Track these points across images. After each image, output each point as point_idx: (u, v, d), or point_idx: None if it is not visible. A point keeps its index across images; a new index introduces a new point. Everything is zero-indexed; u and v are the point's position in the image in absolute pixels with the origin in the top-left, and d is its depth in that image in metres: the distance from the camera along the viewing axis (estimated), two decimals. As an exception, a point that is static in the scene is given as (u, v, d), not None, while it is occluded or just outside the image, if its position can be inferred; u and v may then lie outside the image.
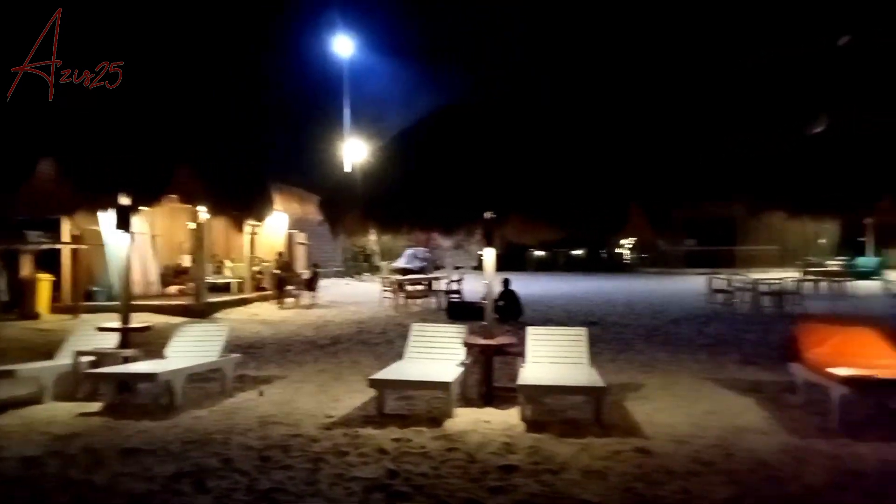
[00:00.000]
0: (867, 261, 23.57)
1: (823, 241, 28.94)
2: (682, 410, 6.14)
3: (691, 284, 20.39)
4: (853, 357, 6.16)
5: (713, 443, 5.13)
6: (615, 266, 33.95)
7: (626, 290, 21.09)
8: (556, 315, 14.17)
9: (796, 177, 6.21)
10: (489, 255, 6.80)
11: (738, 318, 12.98)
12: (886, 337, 6.50)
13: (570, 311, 15.12)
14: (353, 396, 6.79)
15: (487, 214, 6.47)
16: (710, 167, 6.41)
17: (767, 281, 14.77)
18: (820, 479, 4.30)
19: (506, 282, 13.09)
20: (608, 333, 11.26)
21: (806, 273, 19.55)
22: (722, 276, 15.93)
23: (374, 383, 6.11)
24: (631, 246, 35.53)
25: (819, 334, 6.67)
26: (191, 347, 7.41)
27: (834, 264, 22.32)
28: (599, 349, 9.46)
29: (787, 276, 16.75)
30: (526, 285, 18.31)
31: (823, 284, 18.13)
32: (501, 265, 7.76)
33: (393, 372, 6.46)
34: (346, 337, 11.47)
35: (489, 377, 6.60)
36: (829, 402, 5.68)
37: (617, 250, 35.82)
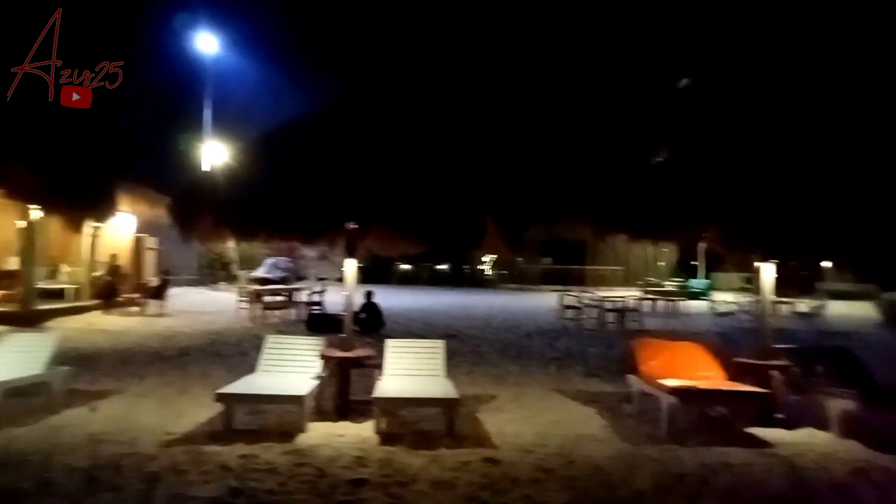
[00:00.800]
0: (698, 282, 26.08)
1: (662, 263, 31.67)
2: (529, 421, 6.41)
3: (546, 301, 21.45)
4: (681, 369, 6.77)
5: (556, 451, 5.40)
6: (477, 281, 35.00)
7: (486, 304, 21.77)
8: (417, 328, 14.31)
9: (637, 203, 6.73)
10: (350, 267, 6.74)
11: (585, 334, 13.82)
12: (709, 351, 7.21)
13: (431, 324, 15.33)
14: (198, 411, 6.42)
15: (350, 225, 6.42)
16: (563, 190, 6.81)
17: (612, 299, 15.88)
18: (647, 483, 4.66)
19: (368, 294, 13.04)
20: (466, 346, 11.54)
21: (646, 292, 21.24)
22: (572, 294, 16.90)
23: (222, 397, 5.82)
24: (492, 262, 36.81)
25: (652, 349, 7.25)
26: (11, 359, 6.65)
27: (670, 285, 24.48)
28: (457, 361, 9.67)
29: (629, 294, 18.12)
30: (390, 298, 18.35)
31: (661, 303, 19.79)
32: (366, 278, 7.71)
33: (243, 385, 6.19)
34: (196, 348, 10.83)
35: (345, 390, 6.51)
36: (659, 411, 6.18)
37: (479, 266, 36.95)
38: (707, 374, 6.77)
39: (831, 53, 6.32)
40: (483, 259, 36.78)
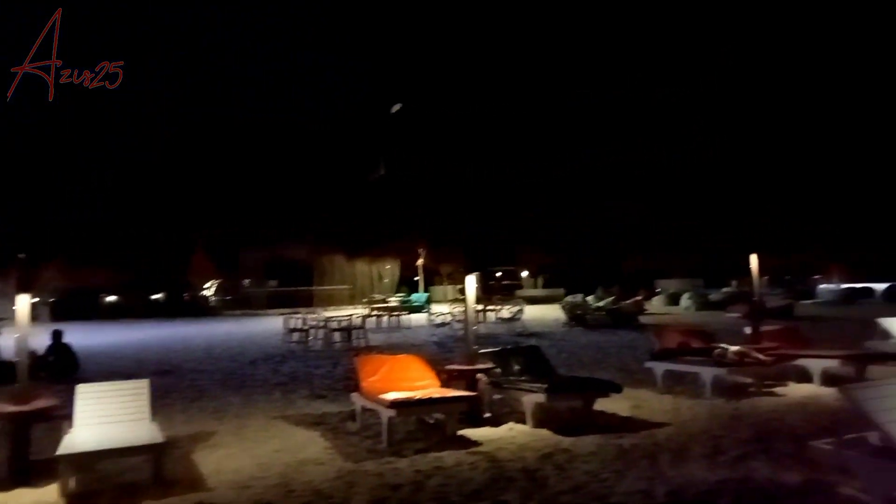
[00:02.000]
0: (418, 296, 27.74)
1: (386, 279, 33.06)
2: (250, 453, 6.11)
3: (272, 325, 20.86)
4: (399, 382, 7.06)
5: (276, 482, 5.21)
6: (199, 309, 32.63)
7: (208, 333, 20.42)
8: (124, 366, 12.79)
9: (353, 221, 6.89)
10: (23, 304, 5.73)
11: (311, 355, 13.72)
12: (424, 361, 7.64)
13: (141, 360, 13.84)
14: None
15: (20, 256, 5.47)
16: (278, 211, 6.67)
17: (338, 318, 16.06)
18: (364, 499, 4.73)
19: (56, 334, 11.29)
20: (183, 381, 10.64)
21: (371, 309, 21.93)
22: (298, 316, 16.70)
23: None
24: (214, 288, 34.72)
25: (372, 364, 7.45)
26: None
27: (394, 300, 25.62)
28: (172, 400, 8.85)
29: (355, 312, 18.52)
30: (93, 335, 16.17)
31: (385, 318, 20.59)
32: (62, 314, 6.64)
33: None
34: None
35: (22, 450, 5.50)
36: (380, 425, 6.36)
37: (201, 293, 34.57)
38: (423, 384, 7.16)
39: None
40: (206, 285, 34.51)
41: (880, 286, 34.50)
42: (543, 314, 24.08)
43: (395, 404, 6.22)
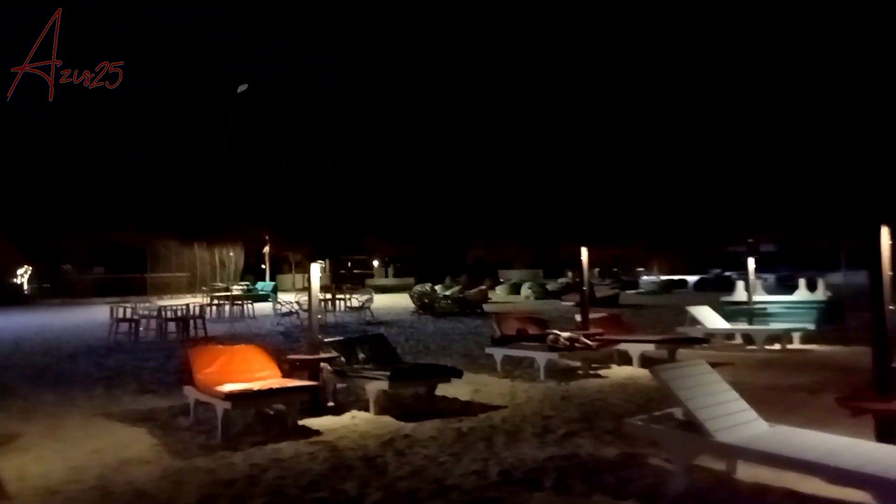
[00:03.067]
0: (265, 285, 26.76)
1: (231, 267, 31.55)
2: (62, 455, 5.54)
3: (98, 314, 19.11)
4: (237, 373, 6.75)
5: (92, 484, 4.77)
6: (11, 298, 29.08)
7: (19, 325, 18.30)
8: None
9: (187, 203, 6.45)
10: None
11: (141, 348, 12.75)
12: (265, 352, 7.37)
13: (-69, 356, 12.08)
14: None
15: None
16: (100, 193, 6.10)
17: (174, 307, 15.05)
18: (193, 497, 4.47)
19: None
20: (-17, 379, 9.43)
21: (212, 298, 20.80)
22: (128, 305, 15.44)
23: None
24: (28, 275, 31.17)
25: (208, 356, 7.04)
26: None
27: (238, 288, 24.52)
28: (-34, 400, 7.83)
29: (194, 301, 17.46)
30: None
31: (227, 308, 19.63)
32: None
33: None
34: None
35: None
36: (215, 419, 6.04)
37: (14, 280, 30.88)
38: (263, 375, 6.90)
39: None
40: (19, 272, 30.87)
41: (692, 278, 38.67)
42: (394, 303, 24.28)
43: (230, 396, 5.95)
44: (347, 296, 20.40)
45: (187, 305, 15.27)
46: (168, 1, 5.87)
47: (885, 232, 4.96)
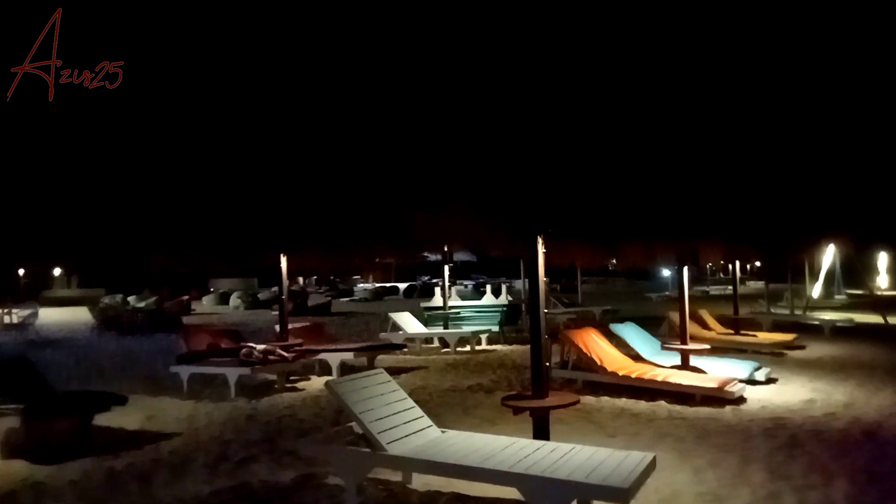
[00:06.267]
0: None
1: None
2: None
3: None
4: None
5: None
6: None
7: None
8: None
9: None
10: None
11: None
12: None
13: None
14: None
15: None
16: None
17: None
18: None
19: None
20: None
21: None
22: None
23: None
24: None
25: None
26: None
27: None
28: None
29: None
30: None
31: None
32: None
33: None
34: None
35: None
36: None
37: None
38: None
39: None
40: None
41: (403, 285, 40.71)
42: (74, 317, 20.99)
43: None
44: (4, 310, 16.99)
45: None
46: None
47: (541, 242, 5.39)
